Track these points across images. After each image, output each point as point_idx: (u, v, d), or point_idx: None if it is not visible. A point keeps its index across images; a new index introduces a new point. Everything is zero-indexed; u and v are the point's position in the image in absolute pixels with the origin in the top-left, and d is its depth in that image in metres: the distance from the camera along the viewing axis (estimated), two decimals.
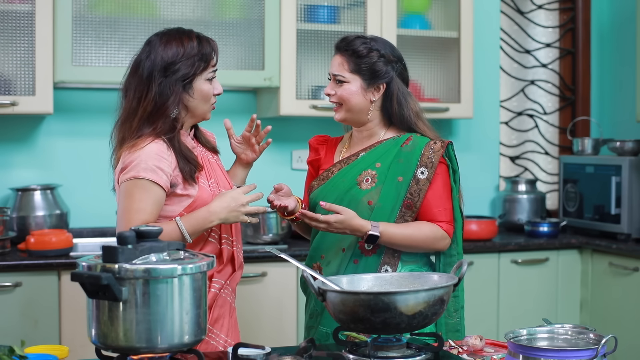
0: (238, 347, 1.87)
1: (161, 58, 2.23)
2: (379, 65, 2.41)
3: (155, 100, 2.22)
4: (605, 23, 4.70)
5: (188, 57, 2.23)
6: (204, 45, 2.27)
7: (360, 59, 2.41)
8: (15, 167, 3.76)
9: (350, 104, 2.42)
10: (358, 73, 2.41)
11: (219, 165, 2.41)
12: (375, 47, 2.42)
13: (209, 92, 2.28)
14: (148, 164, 2.18)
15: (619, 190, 4.02)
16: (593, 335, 1.72)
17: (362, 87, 2.41)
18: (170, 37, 2.26)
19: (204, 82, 2.27)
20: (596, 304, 4.01)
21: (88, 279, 1.60)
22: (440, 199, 2.40)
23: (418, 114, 2.48)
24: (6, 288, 3.20)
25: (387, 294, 1.83)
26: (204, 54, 2.25)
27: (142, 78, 2.25)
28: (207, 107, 2.31)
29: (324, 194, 2.44)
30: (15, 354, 1.80)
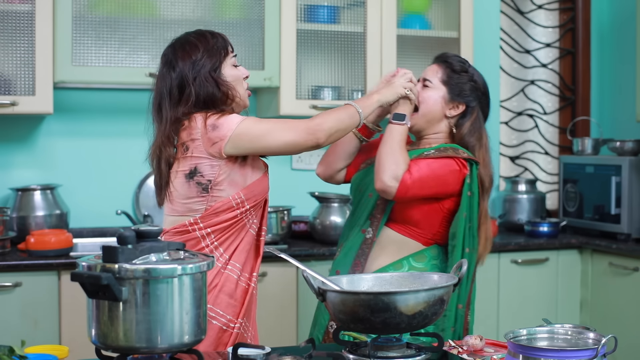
0: (238, 347, 1.87)
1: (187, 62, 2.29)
2: (467, 87, 2.53)
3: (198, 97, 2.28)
4: (605, 23, 4.70)
5: (208, 50, 2.31)
6: (217, 37, 2.35)
7: (453, 73, 2.54)
8: (15, 167, 3.76)
9: (427, 108, 2.52)
10: (446, 85, 2.53)
11: None
12: (470, 70, 2.56)
13: (239, 75, 2.36)
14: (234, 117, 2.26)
15: (619, 190, 4.02)
16: (593, 335, 1.72)
17: (444, 99, 2.52)
18: (184, 41, 2.34)
19: (231, 67, 2.35)
20: (596, 304, 4.01)
21: (88, 279, 1.60)
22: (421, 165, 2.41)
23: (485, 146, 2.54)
24: (6, 288, 3.20)
25: (387, 294, 1.83)
26: (220, 44, 2.34)
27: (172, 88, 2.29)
28: (243, 90, 2.37)
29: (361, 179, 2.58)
30: (15, 354, 1.80)
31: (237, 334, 2.30)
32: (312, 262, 3.55)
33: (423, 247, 2.50)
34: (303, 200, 4.02)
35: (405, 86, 2.45)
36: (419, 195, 2.41)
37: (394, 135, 2.43)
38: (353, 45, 3.90)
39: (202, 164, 2.26)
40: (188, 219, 2.28)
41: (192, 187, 2.27)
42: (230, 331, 2.29)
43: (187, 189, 2.28)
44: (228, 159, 2.26)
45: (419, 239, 2.50)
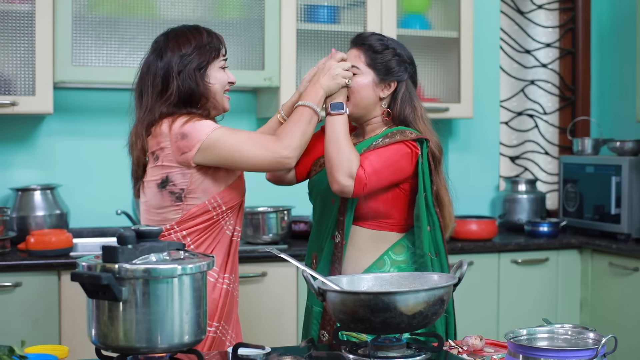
0: (238, 347, 1.87)
1: (175, 54, 2.28)
2: (393, 63, 2.46)
3: (179, 92, 2.25)
4: (605, 23, 4.70)
5: (200, 47, 2.29)
6: (212, 37, 2.34)
7: (376, 54, 2.46)
8: (15, 167, 3.76)
9: (360, 96, 2.44)
10: (373, 67, 2.45)
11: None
12: (391, 45, 2.49)
13: (224, 79, 2.34)
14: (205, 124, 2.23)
15: (619, 190, 4.02)
16: (593, 335, 1.72)
17: (374, 82, 2.45)
18: (179, 33, 2.32)
19: (218, 69, 2.33)
20: (596, 304, 4.01)
21: (88, 279, 1.60)
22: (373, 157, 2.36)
23: (421, 116, 2.49)
24: (6, 288, 3.20)
25: (387, 294, 1.83)
26: (213, 44, 2.32)
27: (157, 76, 2.27)
28: (222, 94, 2.35)
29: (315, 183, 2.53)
30: (15, 354, 1.80)
31: (213, 338, 2.27)
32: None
33: (400, 234, 2.43)
34: (303, 200, 4.00)
35: (344, 75, 2.38)
36: (376, 187, 2.35)
37: (336, 128, 2.35)
38: None
39: (173, 173, 2.23)
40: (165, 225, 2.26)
41: (165, 196, 2.25)
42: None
43: (160, 198, 2.26)
44: (198, 168, 2.23)
45: (393, 228, 2.43)
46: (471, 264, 3.81)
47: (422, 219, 2.38)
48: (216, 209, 2.27)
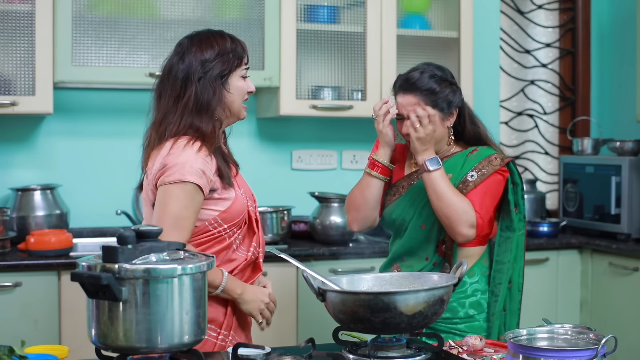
0: (238, 347, 1.87)
1: (197, 58, 2.24)
2: (451, 94, 2.50)
3: (196, 98, 2.21)
4: (605, 23, 4.70)
5: (223, 54, 2.25)
6: (236, 44, 2.29)
7: (435, 95, 2.47)
8: (15, 167, 3.76)
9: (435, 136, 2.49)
10: (436, 107, 2.48)
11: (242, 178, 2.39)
12: (442, 76, 2.50)
13: (242, 88, 2.29)
14: (194, 167, 2.13)
15: (619, 190, 4.02)
16: (593, 335, 1.72)
17: (441, 119, 2.49)
18: (203, 37, 2.28)
19: (239, 78, 2.29)
20: (596, 304, 4.01)
21: (88, 279, 1.60)
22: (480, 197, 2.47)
23: (487, 132, 2.60)
24: (6, 288, 3.20)
25: (387, 294, 1.83)
26: (237, 52, 2.28)
27: (177, 80, 2.24)
28: (240, 104, 2.31)
29: (401, 210, 2.55)
30: (15, 354, 1.80)
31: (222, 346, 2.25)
32: (312, 262, 3.55)
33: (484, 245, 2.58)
34: (303, 200, 4.02)
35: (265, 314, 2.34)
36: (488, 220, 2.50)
37: (440, 183, 2.42)
38: (353, 45, 3.90)
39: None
40: None
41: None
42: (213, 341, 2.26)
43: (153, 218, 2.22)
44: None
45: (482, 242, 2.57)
46: None
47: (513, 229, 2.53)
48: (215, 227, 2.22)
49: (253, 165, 4.01)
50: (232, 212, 2.23)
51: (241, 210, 2.25)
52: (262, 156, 4.12)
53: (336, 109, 3.84)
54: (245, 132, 4.08)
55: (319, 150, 4.21)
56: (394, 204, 2.57)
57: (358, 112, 3.87)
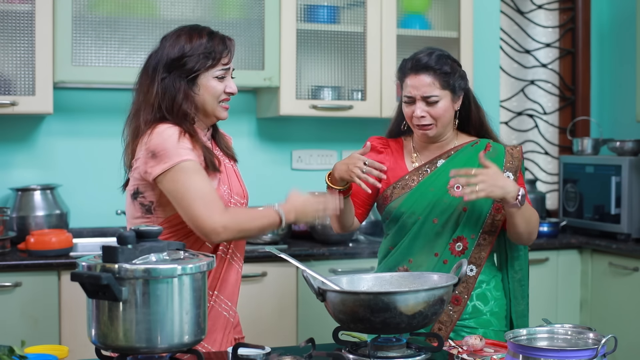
0: (238, 347, 1.87)
1: (167, 54, 2.19)
2: (459, 77, 2.48)
3: (159, 96, 2.18)
4: (605, 23, 4.70)
5: (193, 54, 2.18)
6: (215, 42, 2.21)
7: (448, 76, 2.44)
8: (15, 167, 3.76)
9: (445, 120, 2.46)
10: (447, 88, 2.44)
11: (235, 172, 2.35)
12: (452, 57, 2.50)
13: (216, 89, 2.21)
14: (182, 146, 2.11)
15: (619, 190, 4.02)
16: (593, 335, 1.72)
17: (452, 100, 2.46)
18: (181, 33, 2.22)
19: (211, 79, 2.21)
20: (596, 304, 4.01)
21: (88, 279, 1.60)
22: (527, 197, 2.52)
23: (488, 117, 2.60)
24: (6, 288, 3.20)
25: (387, 294, 1.83)
26: (212, 51, 2.20)
27: (147, 73, 2.23)
28: (215, 104, 2.23)
29: (411, 203, 2.47)
30: (15, 354, 1.80)
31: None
32: (312, 262, 3.55)
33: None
34: None
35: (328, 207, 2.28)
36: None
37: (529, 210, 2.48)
38: (353, 45, 3.90)
39: (143, 185, 2.16)
40: None
41: (136, 207, 2.19)
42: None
43: (133, 209, 2.20)
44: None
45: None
46: None
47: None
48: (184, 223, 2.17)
49: (253, 165, 4.01)
50: None
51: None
52: (262, 156, 4.12)
53: (336, 109, 3.84)
54: (245, 132, 4.08)
55: (319, 150, 4.21)
56: (404, 197, 2.48)
57: (358, 112, 3.87)
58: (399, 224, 2.50)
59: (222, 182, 2.24)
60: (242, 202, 2.31)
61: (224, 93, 2.24)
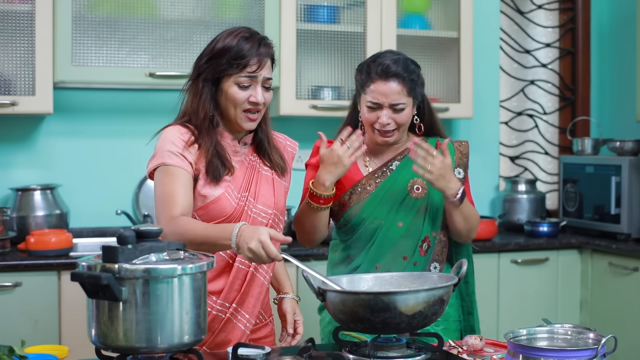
0: (238, 347, 1.87)
1: (201, 57, 2.18)
2: (421, 81, 2.46)
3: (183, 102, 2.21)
4: (605, 23, 4.70)
5: (221, 56, 2.12)
6: (247, 46, 2.12)
7: (414, 84, 2.41)
8: (15, 167, 3.76)
9: (407, 125, 2.46)
10: (412, 95, 2.41)
11: (273, 180, 2.29)
12: (415, 62, 2.45)
13: (236, 97, 2.13)
14: (171, 149, 2.11)
15: (619, 190, 4.02)
16: (593, 335, 1.72)
17: (412, 106, 2.44)
18: (224, 32, 2.18)
19: (232, 85, 2.13)
20: (596, 304, 4.01)
21: (88, 279, 1.60)
22: (470, 195, 2.54)
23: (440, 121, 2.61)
24: (6, 288, 3.20)
25: (387, 294, 1.83)
26: (239, 56, 2.11)
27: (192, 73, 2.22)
28: (238, 113, 2.15)
29: (372, 208, 2.42)
30: (15, 354, 1.80)
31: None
32: (312, 262, 3.55)
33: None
34: None
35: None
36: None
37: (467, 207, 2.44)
38: (353, 45, 3.90)
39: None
40: None
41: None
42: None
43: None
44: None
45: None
46: None
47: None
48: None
49: None
50: (212, 211, 2.15)
51: (224, 211, 2.15)
52: None
53: (336, 109, 3.83)
54: None
55: None
56: (363, 202, 2.43)
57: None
58: (359, 230, 2.44)
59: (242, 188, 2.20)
60: (269, 213, 2.24)
61: (248, 102, 2.15)
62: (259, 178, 2.25)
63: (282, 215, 2.31)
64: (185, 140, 2.14)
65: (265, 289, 2.26)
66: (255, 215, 2.21)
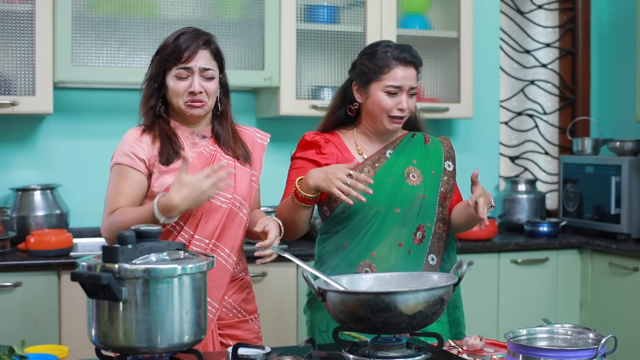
0: (238, 347, 1.87)
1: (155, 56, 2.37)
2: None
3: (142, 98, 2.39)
4: (605, 23, 4.70)
5: (162, 52, 2.32)
6: (181, 40, 2.30)
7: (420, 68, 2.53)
8: (15, 167, 3.76)
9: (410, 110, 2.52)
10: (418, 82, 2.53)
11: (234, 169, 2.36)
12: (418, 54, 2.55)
13: (175, 89, 2.31)
14: (123, 149, 2.31)
15: (619, 190, 4.02)
16: (593, 335, 1.72)
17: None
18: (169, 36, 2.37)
19: (172, 78, 2.31)
20: (596, 304, 4.01)
21: (88, 279, 1.60)
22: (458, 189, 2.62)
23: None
24: (6, 288, 3.20)
25: (387, 293, 1.83)
26: (175, 50, 2.29)
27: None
28: (180, 103, 2.31)
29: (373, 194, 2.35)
30: (15, 354, 1.80)
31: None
32: (312, 262, 3.54)
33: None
34: None
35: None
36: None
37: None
38: (353, 45, 3.90)
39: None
40: None
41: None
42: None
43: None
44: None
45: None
46: (471, 264, 3.81)
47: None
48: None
49: None
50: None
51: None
52: None
53: None
54: None
55: None
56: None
57: None
58: (357, 217, 2.44)
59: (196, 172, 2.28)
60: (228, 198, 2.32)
61: (187, 93, 2.30)
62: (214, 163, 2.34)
63: (246, 200, 2.38)
64: (138, 137, 2.32)
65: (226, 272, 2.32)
66: (213, 199, 2.30)
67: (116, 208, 2.24)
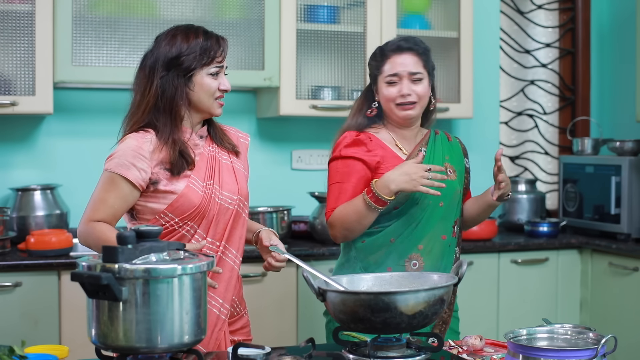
0: (238, 347, 1.87)
1: (164, 53, 2.25)
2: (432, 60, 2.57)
3: (157, 94, 2.24)
4: (605, 23, 4.70)
5: (190, 52, 2.25)
6: (210, 41, 2.28)
7: (427, 57, 2.54)
8: (15, 167, 3.76)
9: (424, 103, 2.53)
10: (427, 70, 2.52)
11: (233, 168, 2.38)
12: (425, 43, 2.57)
13: (211, 86, 2.28)
14: (123, 159, 2.21)
15: (619, 190, 4.02)
16: (593, 335, 1.72)
17: (428, 81, 2.53)
18: (177, 32, 2.29)
19: (206, 76, 2.27)
20: (596, 304, 4.01)
21: (88, 279, 1.60)
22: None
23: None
24: (6, 288, 3.20)
25: (387, 293, 1.83)
26: (207, 49, 2.27)
27: (145, 72, 2.28)
28: (211, 101, 2.30)
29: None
30: (15, 354, 1.80)
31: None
32: (312, 261, 3.55)
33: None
34: (303, 200, 4.02)
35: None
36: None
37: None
38: (353, 45, 3.90)
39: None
40: None
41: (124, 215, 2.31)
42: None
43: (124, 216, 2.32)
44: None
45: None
46: (471, 264, 3.81)
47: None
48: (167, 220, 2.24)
49: (253, 165, 3.97)
50: (182, 205, 2.23)
51: (192, 202, 2.23)
52: (262, 156, 4.12)
53: (336, 109, 3.84)
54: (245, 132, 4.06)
55: (319, 150, 4.21)
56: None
57: None
58: (410, 211, 2.48)
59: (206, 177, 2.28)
60: (234, 199, 2.32)
61: (219, 90, 2.31)
62: (220, 167, 2.34)
63: (247, 200, 2.40)
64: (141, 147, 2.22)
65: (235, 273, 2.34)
66: (221, 201, 2.29)
67: (96, 217, 2.21)
